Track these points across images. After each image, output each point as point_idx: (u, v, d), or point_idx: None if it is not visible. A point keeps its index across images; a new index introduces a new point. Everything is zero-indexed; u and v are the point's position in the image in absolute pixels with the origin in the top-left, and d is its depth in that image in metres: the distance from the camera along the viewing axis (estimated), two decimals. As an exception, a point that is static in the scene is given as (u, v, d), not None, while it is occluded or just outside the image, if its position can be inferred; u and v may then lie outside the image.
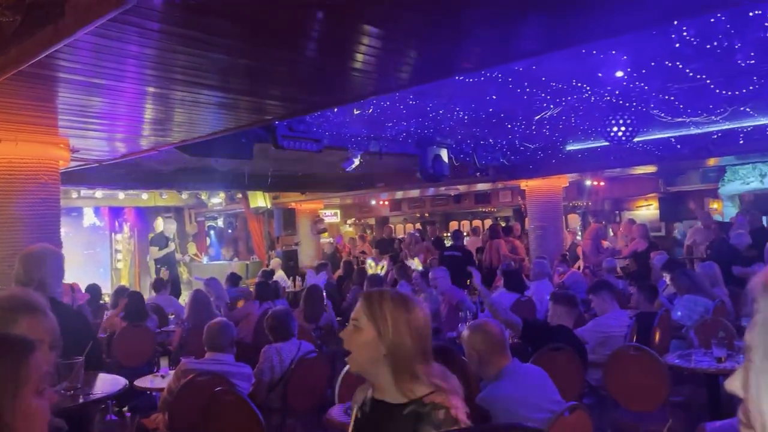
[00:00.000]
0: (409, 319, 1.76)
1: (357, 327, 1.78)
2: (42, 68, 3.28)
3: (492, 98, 5.70)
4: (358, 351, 1.77)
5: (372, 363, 1.76)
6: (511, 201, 14.94)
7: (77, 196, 11.95)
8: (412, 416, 1.69)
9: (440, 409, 1.67)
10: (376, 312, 1.76)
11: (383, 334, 1.73)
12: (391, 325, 1.74)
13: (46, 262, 3.13)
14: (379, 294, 1.83)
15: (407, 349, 1.73)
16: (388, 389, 1.76)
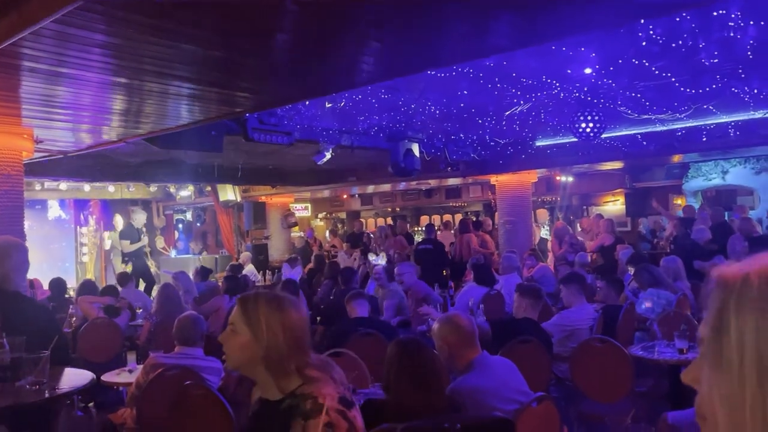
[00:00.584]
0: (282, 319, 1.82)
1: (234, 331, 1.84)
2: (4, 56, 3.20)
3: (463, 93, 5.74)
4: (234, 353, 1.83)
5: (249, 363, 1.83)
6: (481, 196, 15.07)
7: (41, 188, 11.67)
8: (286, 410, 1.75)
9: (308, 399, 1.72)
10: (251, 316, 1.82)
11: (258, 338, 1.80)
12: (265, 328, 1.80)
13: (11, 255, 3.06)
14: (254, 298, 1.89)
15: (281, 349, 1.79)
16: (268, 387, 1.83)
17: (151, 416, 3.93)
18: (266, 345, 1.79)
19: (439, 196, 16.22)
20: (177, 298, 6.77)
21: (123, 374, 4.77)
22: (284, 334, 1.80)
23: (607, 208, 14.11)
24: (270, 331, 1.80)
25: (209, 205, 15.54)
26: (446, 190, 15.82)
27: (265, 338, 1.79)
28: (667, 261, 6.55)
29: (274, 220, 14.95)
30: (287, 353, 1.79)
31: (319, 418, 1.68)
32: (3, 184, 5.09)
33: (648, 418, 4.30)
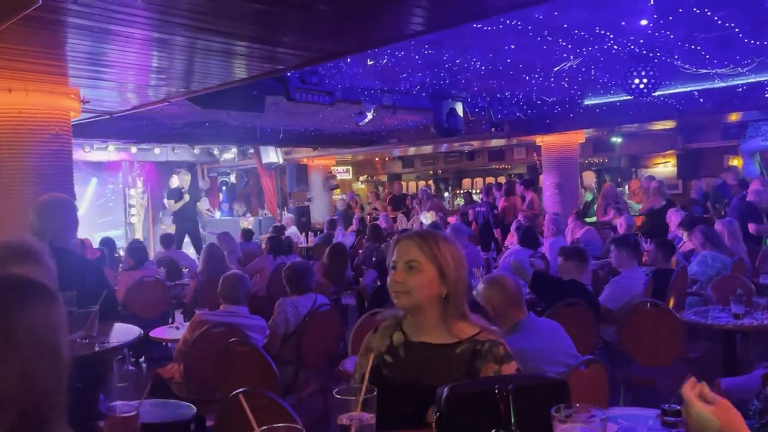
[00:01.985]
0: (463, 259, 1.81)
1: (415, 268, 1.77)
2: (46, 12, 3.19)
3: (510, 48, 5.52)
4: (418, 291, 1.76)
5: (428, 303, 1.77)
6: (525, 157, 14.77)
7: (89, 150, 11.94)
8: (466, 354, 1.74)
9: (499, 345, 1.74)
10: (436, 253, 1.77)
11: (446, 274, 1.76)
12: (453, 265, 1.77)
13: (60, 212, 3.10)
14: (433, 235, 1.83)
15: (463, 289, 1.78)
16: (433, 330, 1.79)
17: (198, 371, 4.01)
18: (454, 283, 1.76)
19: (482, 158, 15.96)
20: (221, 258, 6.88)
21: (171, 331, 4.88)
22: (464, 274, 1.79)
23: (657, 170, 13.66)
24: (456, 269, 1.77)
25: (252, 167, 15.68)
26: (489, 152, 15.54)
27: (453, 276, 1.77)
28: (724, 223, 6.28)
29: (315, 183, 15.01)
30: (465, 294, 1.79)
31: (512, 364, 1.71)
32: (52, 143, 5.18)
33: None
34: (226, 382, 3.59)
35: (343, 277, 6.92)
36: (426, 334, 1.81)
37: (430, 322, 1.80)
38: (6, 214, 5.18)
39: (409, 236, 1.85)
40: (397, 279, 1.79)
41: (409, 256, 1.79)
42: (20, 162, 5.12)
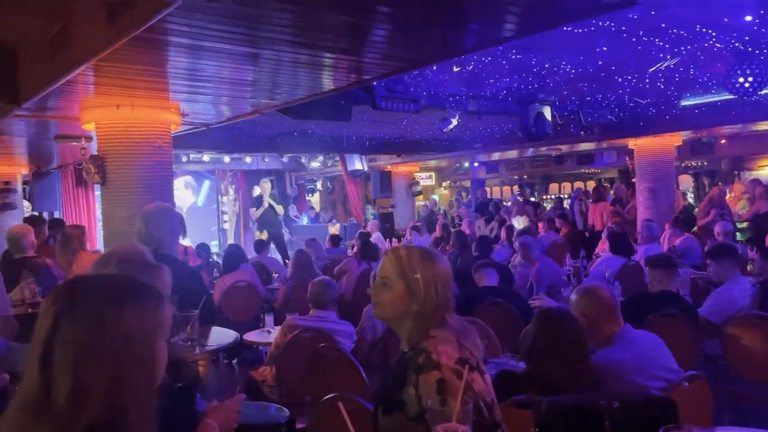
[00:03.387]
0: (435, 274, 1.82)
1: (386, 284, 1.83)
2: (153, 32, 3.38)
3: (602, 50, 5.34)
4: (387, 306, 1.83)
5: (399, 317, 1.83)
6: (617, 161, 14.22)
7: (186, 160, 12.59)
8: (406, 362, 1.75)
9: (421, 354, 1.71)
10: (406, 269, 1.81)
11: (413, 291, 1.79)
12: (421, 282, 1.79)
13: (166, 220, 3.28)
14: (407, 251, 1.87)
15: (434, 304, 1.79)
16: (404, 339, 1.86)
17: (289, 374, 4.13)
18: (422, 299, 1.79)
19: (570, 162, 15.51)
20: (310, 264, 7.04)
21: (263, 334, 5.04)
22: (436, 289, 1.81)
23: (763, 172, 12.77)
24: (426, 285, 1.80)
25: (338, 174, 15.99)
26: (578, 156, 15.08)
27: (422, 293, 1.79)
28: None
29: (399, 189, 15.11)
30: (438, 308, 1.80)
31: (431, 374, 1.66)
32: (155, 155, 5.50)
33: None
34: (316, 386, 3.67)
35: None
36: (402, 342, 1.88)
37: (404, 334, 1.85)
38: (113, 222, 5.54)
39: (390, 252, 1.91)
40: (370, 292, 1.89)
41: (383, 271, 1.86)
42: (126, 173, 5.46)
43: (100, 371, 1.09)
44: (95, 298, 1.15)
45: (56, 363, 1.09)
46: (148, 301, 1.20)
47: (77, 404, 1.08)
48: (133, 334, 1.14)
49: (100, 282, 1.22)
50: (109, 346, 1.11)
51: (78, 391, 1.08)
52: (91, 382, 1.09)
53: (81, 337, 1.11)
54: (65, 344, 1.10)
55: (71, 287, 1.20)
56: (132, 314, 1.15)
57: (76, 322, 1.11)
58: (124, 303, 1.16)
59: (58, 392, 1.08)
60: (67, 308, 1.13)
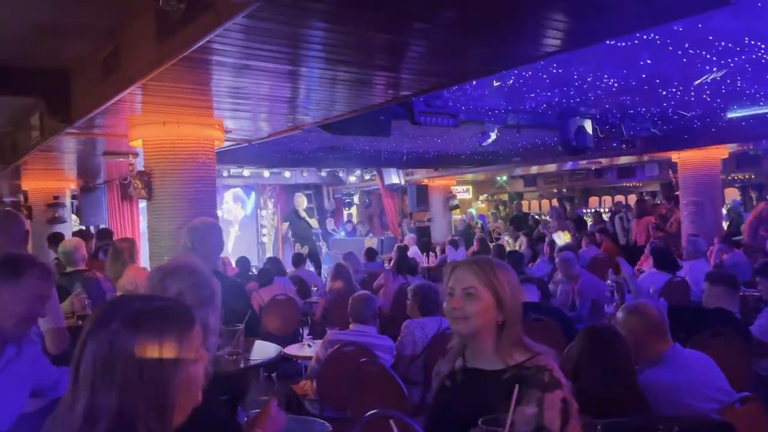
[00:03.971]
0: (514, 282, 1.82)
1: (472, 295, 1.79)
2: (200, 53, 3.48)
3: (646, 63, 5.26)
4: (476, 318, 1.78)
5: (485, 329, 1.79)
6: (658, 174, 13.93)
7: (227, 175, 12.82)
8: (511, 381, 1.69)
9: (545, 372, 1.69)
10: (492, 279, 1.79)
11: (502, 301, 1.77)
12: (509, 294, 1.78)
13: (210, 235, 3.34)
14: (489, 262, 1.85)
15: (519, 315, 1.79)
16: (485, 356, 1.81)
17: (330, 389, 4.14)
18: (510, 309, 1.77)
19: (611, 176, 15.26)
20: (348, 277, 7.07)
21: (303, 348, 5.07)
22: (518, 297, 1.81)
23: (814, 186, 12.33)
24: (512, 295, 1.79)
25: (375, 188, 16.05)
26: (618, 169, 14.83)
27: (509, 303, 1.78)
28: None
29: (436, 203, 15.07)
30: (520, 320, 1.78)
31: (557, 393, 1.66)
32: (199, 170, 5.62)
33: None
34: (358, 401, 3.68)
35: None
36: (480, 360, 1.82)
37: (486, 349, 1.81)
38: (159, 236, 5.67)
39: (466, 263, 1.87)
40: (456, 305, 1.80)
41: (466, 282, 1.80)
42: (171, 188, 5.59)
43: (110, 391, 1.13)
44: (115, 321, 1.18)
45: (80, 378, 1.15)
46: (172, 326, 1.21)
47: (90, 421, 1.12)
48: (144, 359, 1.15)
49: (130, 304, 1.23)
50: (120, 371, 1.14)
51: (91, 407, 1.13)
52: (102, 401, 1.13)
53: (97, 357, 1.15)
54: (86, 362, 1.16)
55: (104, 307, 1.25)
56: (147, 339, 1.17)
57: (96, 342, 1.16)
58: (142, 328, 1.17)
59: (77, 407, 1.14)
60: (94, 328, 1.19)
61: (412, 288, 4.80)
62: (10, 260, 2.10)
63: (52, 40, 4.43)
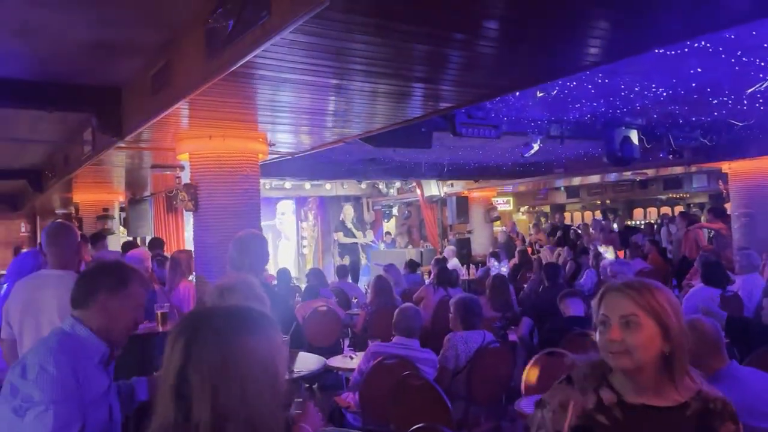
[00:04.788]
0: (681, 309, 1.64)
1: (635, 323, 1.60)
2: (246, 67, 3.54)
3: (696, 71, 5.13)
4: (640, 351, 1.59)
5: (651, 361, 1.60)
6: (707, 186, 13.53)
7: (269, 187, 13.01)
8: (697, 415, 1.60)
9: (728, 403, 1.62)
10: (655, 306, 1.60)
11: (670, 330, 1.59)
12: (675, 321, 1.60)
13: (256, 246, 3.39)
14: (646, 285, 1.65)
15: (688, 344, 1.62)
16: (654, 390, 1.62)
17: (373, 401, 4.13)
18: (677, 340, 1.59)
19: (657, 187, 14.90)
20: (389, 290, 7.07)
21: (345, 360, 5.07)
22: (684, 325, 1.63)
23: None
24: (679, 324, 1.61)
25: (414, 200, 16.04)
26: (665, 180, 14.47)
27: (677, 332, 1.60)
28: None
29: (476, 215, 14.96)
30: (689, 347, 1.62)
31: (741, 425, 1.60)
32: (243, 183, 5.71)
33: None
34: (401, 414, 3.65)
35: (508, 306, 6.83)
36: (645, 395, 1.63)
37: (650, 382, 1.62)
38: (205, 248, 5.77)
39: (619, 288, 1.66)
40: (614, 338, 1.60)
41: (624, 310, 1.61)
42: (217, 201, 5.69)
43: (233, 394, 1.16)
44: (219, 325, 1.23)
45: (194, 391, 1.17)
46: (265, 328, 1.28)
47: (220, 428, 1.15)
48: (257, 357, 1.21)
49: (221, 311, 1.31)
50: (238, 369, 1.18)
51: (219, 415, 1.16)
52: (229, 406, 1.16)
53: (211, 362, 1.18)
54: (200, 372, 1.17)
55: (194, 317, 1.30)
56: (253, 339, 1.23)
57: (206, 349, 1.19)
58: (244, 329, 1.24)
59: (200, 419, 1.16)
60: (195, 337, 1.21)
61: (455, 301, 4.76)
62: (117, 269, 2.16)
63: (105, 58, 4.58)
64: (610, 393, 1.66)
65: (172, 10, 3.75)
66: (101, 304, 2.04)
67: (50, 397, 1.81)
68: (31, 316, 3.09)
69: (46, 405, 1.81)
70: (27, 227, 14.06)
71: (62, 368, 1.87)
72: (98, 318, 2.04)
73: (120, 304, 2.07)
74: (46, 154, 8.81)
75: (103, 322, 2.03)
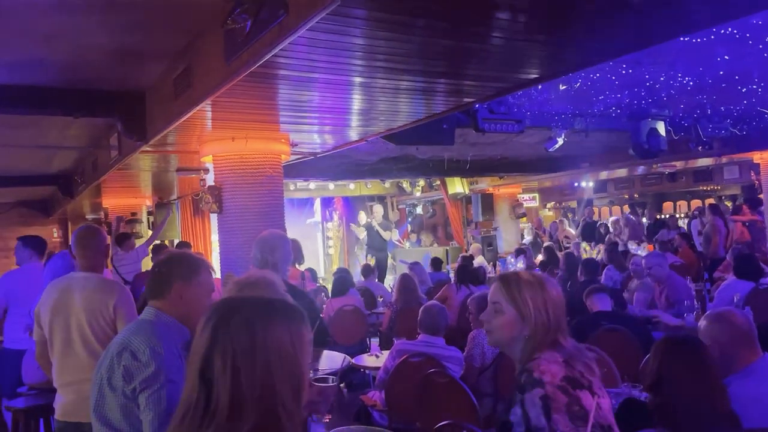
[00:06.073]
0: (546, 298, 1.85)
1: (498, 310, 1.89)
2: (266, 67, 3.55)
3: (723, 59, 5.01)
4: (498, 331, 1.90)
5: (510, 342, 1.89)
6: (739, 177, 13.21)
7: (294, 188, 13.07)
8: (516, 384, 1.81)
9: (524, 372, 1.77)
10: (516, 296, 1.86)
11: (525, 317, 1.84)
12: (532, 308, 1.83)
13: (280, 246, 3.40)
14: (516, 277, 1.93)
15: (545, 327, 1.83)
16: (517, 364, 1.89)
17: (399, 399, 4.11)
18: (533, 324, 1.84)
19: (686, 180, 14.60)
20: (415, 288, 7.05)
21: (371, 358, 5.08)
22: (548, 312, 1.84)
23: None
24: (537, 311, 1.84)
25: (438, 198, 15.98)
26: (694, 172, 14.17)
27: (533, 318, 1.83)
28: None
29: (501, 211, 14.84)
30: (551, 332, 1.83)
31: (534, 392, 1.71)
32: (267, 184, 5.74)
33: None
34: (427, 412, 3.63)
35: None
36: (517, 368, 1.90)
37: (516, 357, 1.90)
38: (229, 248, 5.82)
39: (498, 278, 1.98)
40: (484, 318, 1.95)
41: (493, 297, 1.92)
42: (240, 202, 5.73)
43: (255, 379, 1.18)
44: (247, 312, 1.24)
45: (216, 374, 1.18)
46: (294, 320, 1.28)
47: (236, 412, 1.16)
48: (282, 346, 1.22)
49: (252, 299, 1.32)
50: (261, 356, 1.19)
51: (236, 398, 1.17)
52: (247, 390, 1.17)
53: (236, 346, 1.19)
54: (223, 354, 1.19)
55: (225, 304, 1.31)
56: (280, 329, 1.23)
57: (231, 333, 1.21)
58: (272, 318, 1.24)
59: (219, 402, 1.17)
60: (223, 322, 1.23)
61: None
62: (186, 258, 2.26)
63: (128, 63, 4.64)
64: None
65: (191, 13, 3.79)
66: (177, 292, 2.14)
67: (166, 377, 1.92)
68: (60, 317, 3.14)
69: (161, 384, 1.91)
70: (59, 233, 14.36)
71: (170, 349, 1.99)
72: (177, 306, 2.13)
73: (194, 291, 2.15)
74: (75, 160, 8.98)
75: (182, 310, 2.13)
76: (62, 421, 3.05)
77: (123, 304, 3.16)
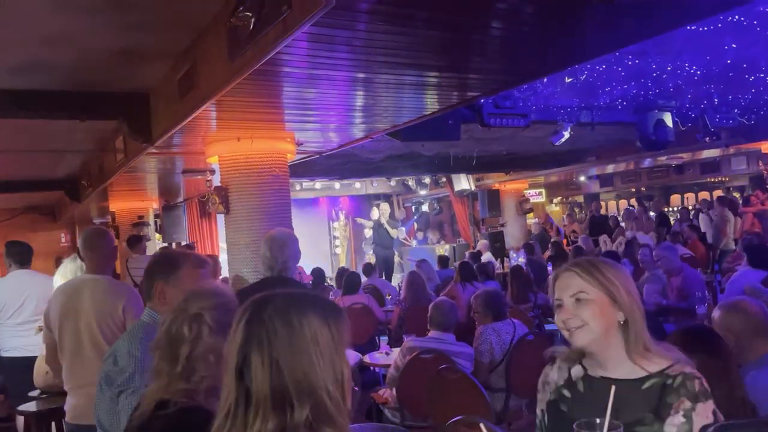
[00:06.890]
0: (627, 276, 1.70)
1: (583, 299, 1.66)
2: (270, 65, 3.53)
3: (730, 47, 4.96)
4: (594, 323, 1.64)
5: (607, 333, 1.66)
6: (747, 168, 13.12)
7: (300, 188, 13.08)
8: (655, 389, 1.61)
9: (695, 380, 1.59)
10: (602, 278, 1.66)
11: (618, 300, 1.65)
12: (622, 289, 1.66)
13: (288, 244, 3.39)
14: (592, 261, 1.73)
15: (640, 314, 1.66)
16: (616, 364, 1.68)
17: (410, 396, 4.10)
18: (628, 307, 1.65)
19: (693, 172, 14.50)
20: (423, 285, 7.04)
21: (381, 356, 5.06)
22: (636, 296, 1.69)
23: None
24: (627, 292, 1.67)
25: (445, 195, 15.95)
26: (701, 164, 14.08)
27: (626, 300, 1.66)
28: None
29: (508, 207, 14.79)
30: (643, 320, 1.66)
31: (708, 405, 1.58)
32: (273, 183, 5.72)
33: None
34: (439, 409, 3.61)
35: (528, 297, 6.78)
36: (608, 368, 1.69)
37: (612, 356, 1.68)
38: (236, 248, 5.81)
39: (567, 268, 1.73)
40: (568, 315, 1.67)
41: (574, 288, 1.68)
42: (247, 201, 5.72)
43: (296, 368, 1.15)
44: (279, 303, 1.23)
45: (254, 367, 1.16)
46: (331, 312, 1.26)
47: (280, 402, 1.13)
48: (320, 336, 1.19)
49: (284, 293, 1.29)
50: (300, 344, 1.17)
51: (279, 389, 1.14)
52: (289, 380, 1.14)
53: (271, 336, 1.17)
54: (259, 347, 1.16)
55: (256, 299, 1.27)
56: (316, 319, 1.21)
57: (266, 326, 1.18)
58: (306, 308, 1.23)
59: (260, 395, 1.14)
60: (256, 315, 1.21)
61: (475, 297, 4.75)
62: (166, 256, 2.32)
63: (132, 64, 4.63)
64: (579, 368, 1.76)
65: (194, 12, 3.77)
66: (160, 291, 2.15)
67: (141, 380, 1.90)
68: (70, 320, 3.14)
69: (135, 387, 1.91)
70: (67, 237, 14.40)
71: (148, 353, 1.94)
72: (163, 304, 2.13)
73: (175, 287, 2.13)
74: (81, 164, 8.99)
75: (168, 307, 2.08)
76: (73, 423, 3.05)
77: (132, 306, 3.15)
